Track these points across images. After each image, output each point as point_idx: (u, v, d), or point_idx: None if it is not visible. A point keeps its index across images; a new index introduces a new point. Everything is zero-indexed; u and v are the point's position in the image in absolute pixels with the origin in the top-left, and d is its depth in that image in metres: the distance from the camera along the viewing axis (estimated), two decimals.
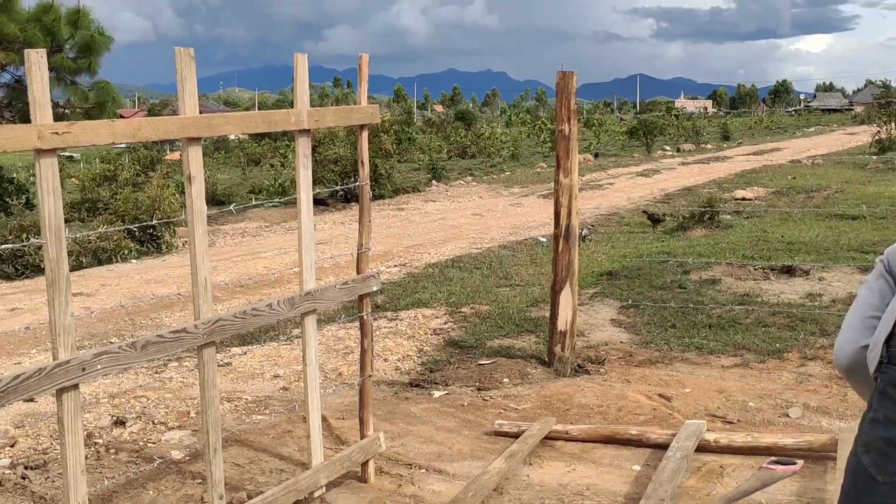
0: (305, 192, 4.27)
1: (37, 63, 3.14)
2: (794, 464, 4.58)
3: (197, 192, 3.70)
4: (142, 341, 3.51)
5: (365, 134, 4.63)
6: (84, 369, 3.28)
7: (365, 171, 4.67)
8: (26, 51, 3.13)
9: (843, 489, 2.22)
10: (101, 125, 3.38)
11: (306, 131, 4.25)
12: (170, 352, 3.72)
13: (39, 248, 8.21)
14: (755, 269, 9.49)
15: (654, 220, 13.55)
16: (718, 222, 13.14)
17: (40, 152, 3.16)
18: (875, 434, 2.12)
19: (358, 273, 4.70)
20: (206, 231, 3.77)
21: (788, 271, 9.33)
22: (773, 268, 9.50)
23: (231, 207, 4.76)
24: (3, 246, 3.54)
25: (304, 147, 4.26)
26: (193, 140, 3.68)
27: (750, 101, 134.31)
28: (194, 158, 3.69)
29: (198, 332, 3.71)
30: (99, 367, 3.34)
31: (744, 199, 17.07)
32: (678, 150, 37.22)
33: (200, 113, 3.72)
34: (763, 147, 35.93)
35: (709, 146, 39.49)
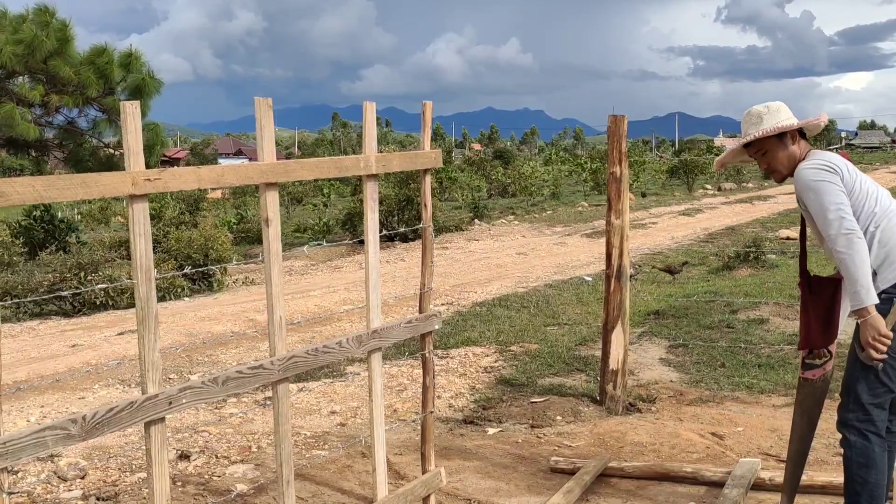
0: (373, 233, 4.45)
1: (131, 114, 3.35)
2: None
3: (273, 235, 3.88)
4: (223, 377, 3.68)
5: (428, 178, 4.80)
6: (171, 403, 3.45)
7: (427, 214, 4.83)
8: (122, 103, 3.34)
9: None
10: (187, 172, 3.58)
11: (374, 176, 4.43)
12: (248, 387, 3.88)
13: (97, 286, 8.49)
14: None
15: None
16: (764, 262, 13.17)
17: (133, 197, 3.34)
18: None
19: (420, 312, 4.86)
20: (281, 271, 3.95)
21: None
22: None
23: (304, 248, 4.93)
24: (85, 289, 3.73)
25: (371, 191, 4.44)
26: (271, 185, 3.87)
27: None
28: (271, 202, 3.87)
29: (273, 368, 3.88)
30: (184, 400, 3.51)
31: (788, 238, 17.05)
32: (719, 189, 37.18)
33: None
34: None
35: (750, 185, 39.40)
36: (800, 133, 4.00)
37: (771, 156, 3.95)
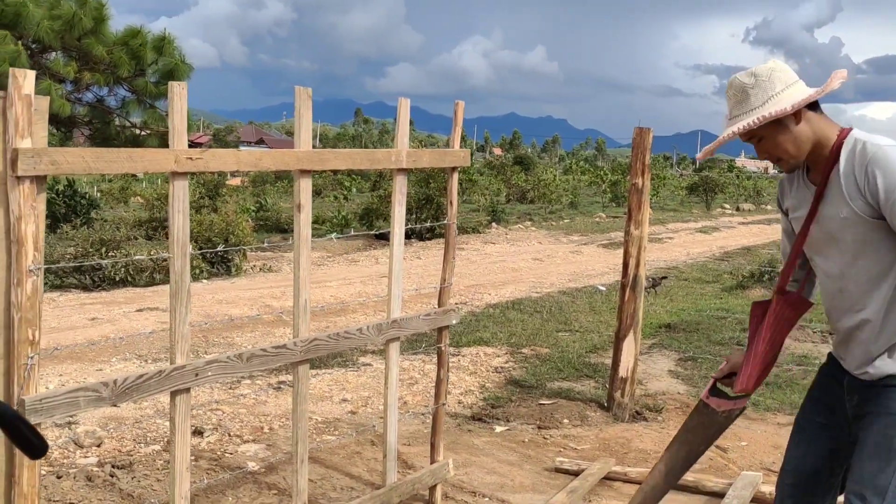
0: (399, 226, 4.57)
1: (178, 95, 3.47)
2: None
3: (304, 220, 4.01)
4: (247, 354, 3.82)
5: (455, 176, 4.92)
6: (197, 374, 3.59)
7: (453, 210, 4.95)
8: (171, 83, 3.46)
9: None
10: (228, 154, 3.71)
11: (404, 170, 4.55)
12: (270, 365, 4.02)
13: (116, 262, 8.65)
14: (814, 332, 9.60)
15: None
16: None
17: (175, 175, 3.47)
18: None
19: (439, 306, 4.97)
20: (309, 256, 4.08)
21: None
22: (831, 332, 9.59)
23: (332, 237, 5.07)
24: (119, 260, 3.88)
25: (400, 185, 4.56)
26: (305, 172, 3.99)
27: None
28: (305, 189, 4.00)
29: (296, 349, 4.01)
30: (210, 373, 3.65)
31: None
32: (738, 209, 37.18)
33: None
34: None
35: (769, 207, 39.38)
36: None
37: (769, 144, 2.90)
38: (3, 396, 3.05)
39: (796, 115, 2.83)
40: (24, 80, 2.94)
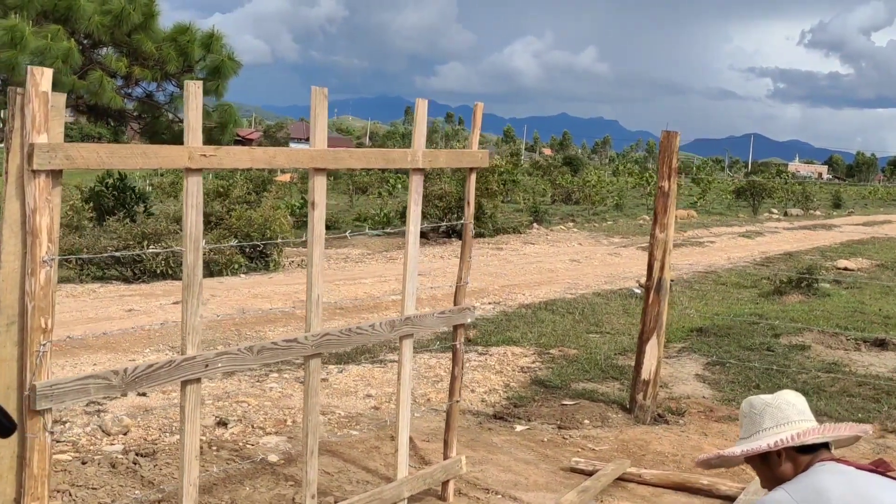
0: (414, 224, 4.64)
1: (193, 93, 3.58)
2: None
3: (318, 218, 4.10)
4: (258, 346, 3.92)
5: (473, 176, 4.99)
6: (207, 366, 3.69)
7: (469, 211, 5.02)
8: (186, 82, 3.56)
9: None
10: (242, 151, 3.82)
11: (420, 170, 4.62)
12: (281, 358, 4.11)
13: (157, 255, 8.83)
14: (847, 339, 9.51)
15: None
16: (816, 290, 13.10)
17: (189, 171, 3.58)
18: None
19: (455, 305, 5.04)
20: (323, 252, 4.17)
21: (881, 344, 9.33)
22: (865, 339, 9.51)
23: (347, 234, 5.17)
24: (145, 252, 4.02)
25: (416, 184, 4.64)
26: (319, 170, 4.09)
27: (868, 170, 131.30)
28: (319, 187, 4.09)
29: (307, 343, 4.10)
30: (220, 364, 3.75)
31: (846, 269, 16.90)
32: (785, 214, 36.74)
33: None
34: (874, 219, 35.22)
35: (818, 213, 38.89)
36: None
37: (757, 472, 2.91)
38: (16, 382, 3.16)
39: (779, 454, 2.76)
40: (42, 77, 3.06)
